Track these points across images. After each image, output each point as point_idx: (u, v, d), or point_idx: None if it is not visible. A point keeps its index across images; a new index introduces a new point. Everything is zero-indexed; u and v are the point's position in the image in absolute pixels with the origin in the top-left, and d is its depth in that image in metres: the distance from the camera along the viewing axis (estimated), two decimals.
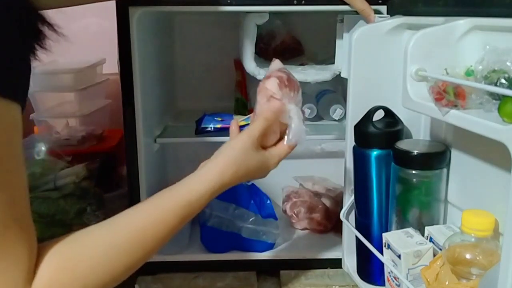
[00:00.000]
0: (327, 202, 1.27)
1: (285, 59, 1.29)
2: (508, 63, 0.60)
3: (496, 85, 0.60)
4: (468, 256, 0.68)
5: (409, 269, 0.78)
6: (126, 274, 0.56)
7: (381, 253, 0.84)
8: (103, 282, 0.53)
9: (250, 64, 1.11)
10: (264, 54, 1.29)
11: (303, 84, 1.18)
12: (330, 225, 1.23)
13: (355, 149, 0.93)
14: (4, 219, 0.45)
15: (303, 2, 0.96)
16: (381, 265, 0.87)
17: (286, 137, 0.75)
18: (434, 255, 0.77)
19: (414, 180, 0.84)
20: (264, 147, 0.73)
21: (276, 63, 0.79)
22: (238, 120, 0.93)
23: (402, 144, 0.85)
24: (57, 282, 0.49)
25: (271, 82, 0.74)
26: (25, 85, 0.47)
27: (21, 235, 0.47)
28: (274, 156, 0.73)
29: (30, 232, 0.49)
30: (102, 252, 0.53)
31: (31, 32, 0.49)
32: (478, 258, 0.67)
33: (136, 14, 0.96)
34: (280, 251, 1.14)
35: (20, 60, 0.46)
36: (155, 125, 1.17)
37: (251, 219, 1.12)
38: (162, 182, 1.18)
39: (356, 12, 0.94)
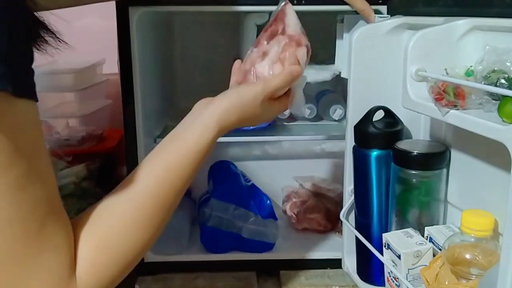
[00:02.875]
0: (327, 202, 1.27)
1: None
2: (508, 63, 0.60)
3: (496, 85, 0.60)
4: (467, 256, 0.68)
5: (409, 269, 0.78)
6: (157, 234, 0.58)
7: (381, 253, 0.84)
8: (139, 248, 0.55)
9: None
10: None
11: None
12: (330, 225, 1.23)
13: (355, 149, 0.93)
14: (43, 214, 0.47)
15: (303, 2, 0.96)
16: (381, 265, 0.87)
17: (289, 101, 0.76)
18: (434, 255, 0.77)
19: (414, 180, 0.84)
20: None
21: (290, 10, 0.75)
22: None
23: (402, 144, 0.85)
24: (98, 264, 0.51)
25: (302, 51, 0.73)
26: (34, 82, 0.48)
27: (59, 227, 0.49)
28: (273, 111, 0.75)
29: (66, 222, 0.50)
30: (131, 223, 0.55)
31: (34, 35, 0.49)
32: (477, 258, 0.67)
33: (136, 14, 0.96)
34: (280, 251, 1.14)
35: (30, 58, 0.47)
36: (155, 125, 1.17)
37: (251, 219, 1.12)
38: None
39: (356, 12, 0.94)
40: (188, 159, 0.61)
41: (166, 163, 0.60)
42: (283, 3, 0.75)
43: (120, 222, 0.54)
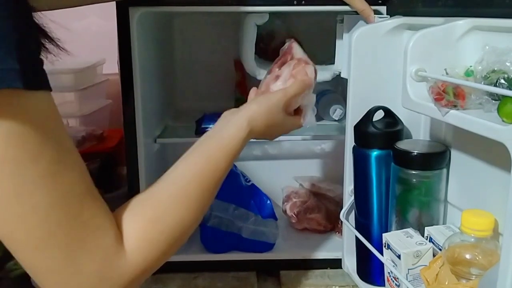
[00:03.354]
0: (327, 202, 1.27)
1: None
2: (508, 63, 0.60)
3: (495, 85, 0.60)
4: (467, 256, 0.68)
5: (408, 269, 0.78)
6: (200, 217, 0.61)
7: (381, 253, 0.84)
8: (185, 227, 0.58)
9: (250, 64, 1.11)
10: (264, 54, 1.28)
11: None
12: (330, 225, 1.23)
13: (355, 149, 0.93)
14: (81, 195, 0.48)
15: (303, 2, 0.96)
16: (381, 265, 0.87)
17: (302, 117, 0.82)
18: (434, 255, 0.77)
19: (414, 180, 0.84)
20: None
21: (296, 45, 0.84)
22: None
23: (402, 144, 0.85)
24: (148, 239, 0.53)
25: (311, 69, 0.80)
26: (44, 72, 0.49)
27: (98, 205, 0.50)
28: (288, 125, 0.79)
29: (102, 200, 0.52)
30: (177, 203, 0.57)
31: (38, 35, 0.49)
32: (477, 258, 0.68)
33: (136, 14, 0.96)
34: (280, 251, 1.14)
35: (38, 49, 0.47)
36: (155, 125, 1.17)
37: (251, 219, 1.12)
38: None
39: (356, 13, 0.94)
40: (226, 153, 0.65)
41: (206, 155, 0.64)
42: (289, 42, 0.85)
43: (167, 202, 0.57)
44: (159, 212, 0.56)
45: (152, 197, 0.57)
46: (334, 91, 1.33)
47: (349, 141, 0.94)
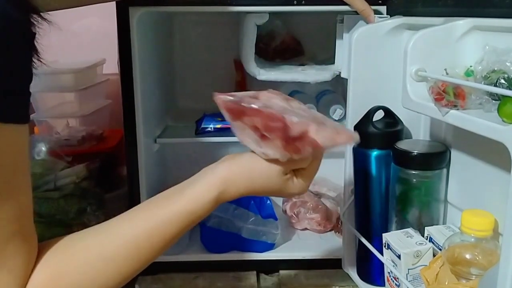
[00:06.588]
0: (327, 202, 1.27)
1: (285, 59, 1.30)
2: (508, 63, 0.60)
3: (495, 85, 0.60)
4: (467, 256, 0.68)
5: (408, 269, 0.78)
6: (117, 285, 0.54)
7: (381, 253, 0.84)
8: None
9: (250, 64, 1.11)
10: (264, 54, 1.29)
11: (303, 84, 1.18)
12: (330, 225, 1.23)
13: (355, 149, 0.93)
14: (9, 233, 0.46)
15: (303, 2, 0.96)
16: (381, 265, 0.87)
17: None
18: (434, 255, 0.77)
19: (414, 180, 0.84)
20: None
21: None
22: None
23: (402, 144, 0.85)
24: None
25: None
26: (28, 101, 0.47)
27: (22, 249, 0.48)
28: (299, 185, 0.68)
29: (32, 245, 0.49)
30: (90, 264, 0.52)
31: (30, 40, 0.47)
32: (477, 258, 0.68)
33: (136, 14, 0.96)
34: (280, 251, 1.14)
35: (20, 77, 0.46)
36: (155, 125, 1.17)
37: (251, 219, 1.12)
38: (162, 182, 1.18)
39: (356, 13, 0.94)
40: (173, 225, 0.56)
41: (152, 216, 0.56)
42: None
43: (80, 261, 0.52)
44: (66, 270, 0.51)
45: (73, 248, 0.52)
46: (334, 91, 1.33)
47: None
